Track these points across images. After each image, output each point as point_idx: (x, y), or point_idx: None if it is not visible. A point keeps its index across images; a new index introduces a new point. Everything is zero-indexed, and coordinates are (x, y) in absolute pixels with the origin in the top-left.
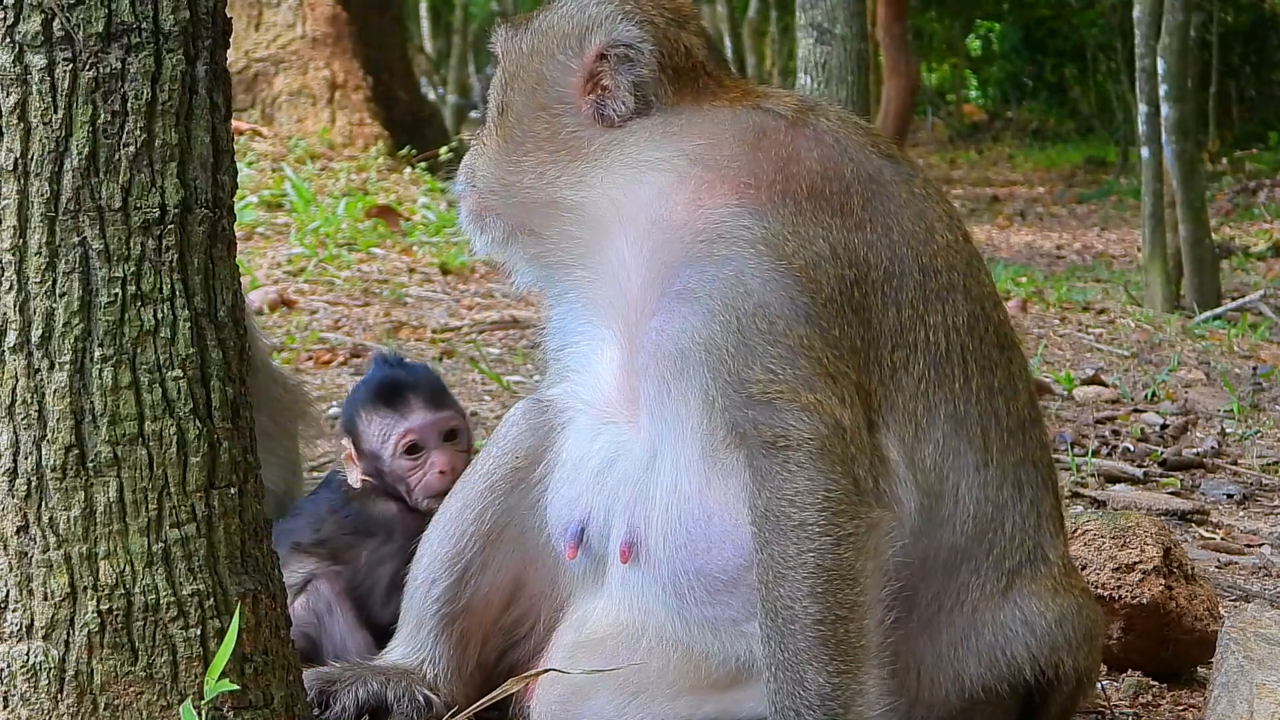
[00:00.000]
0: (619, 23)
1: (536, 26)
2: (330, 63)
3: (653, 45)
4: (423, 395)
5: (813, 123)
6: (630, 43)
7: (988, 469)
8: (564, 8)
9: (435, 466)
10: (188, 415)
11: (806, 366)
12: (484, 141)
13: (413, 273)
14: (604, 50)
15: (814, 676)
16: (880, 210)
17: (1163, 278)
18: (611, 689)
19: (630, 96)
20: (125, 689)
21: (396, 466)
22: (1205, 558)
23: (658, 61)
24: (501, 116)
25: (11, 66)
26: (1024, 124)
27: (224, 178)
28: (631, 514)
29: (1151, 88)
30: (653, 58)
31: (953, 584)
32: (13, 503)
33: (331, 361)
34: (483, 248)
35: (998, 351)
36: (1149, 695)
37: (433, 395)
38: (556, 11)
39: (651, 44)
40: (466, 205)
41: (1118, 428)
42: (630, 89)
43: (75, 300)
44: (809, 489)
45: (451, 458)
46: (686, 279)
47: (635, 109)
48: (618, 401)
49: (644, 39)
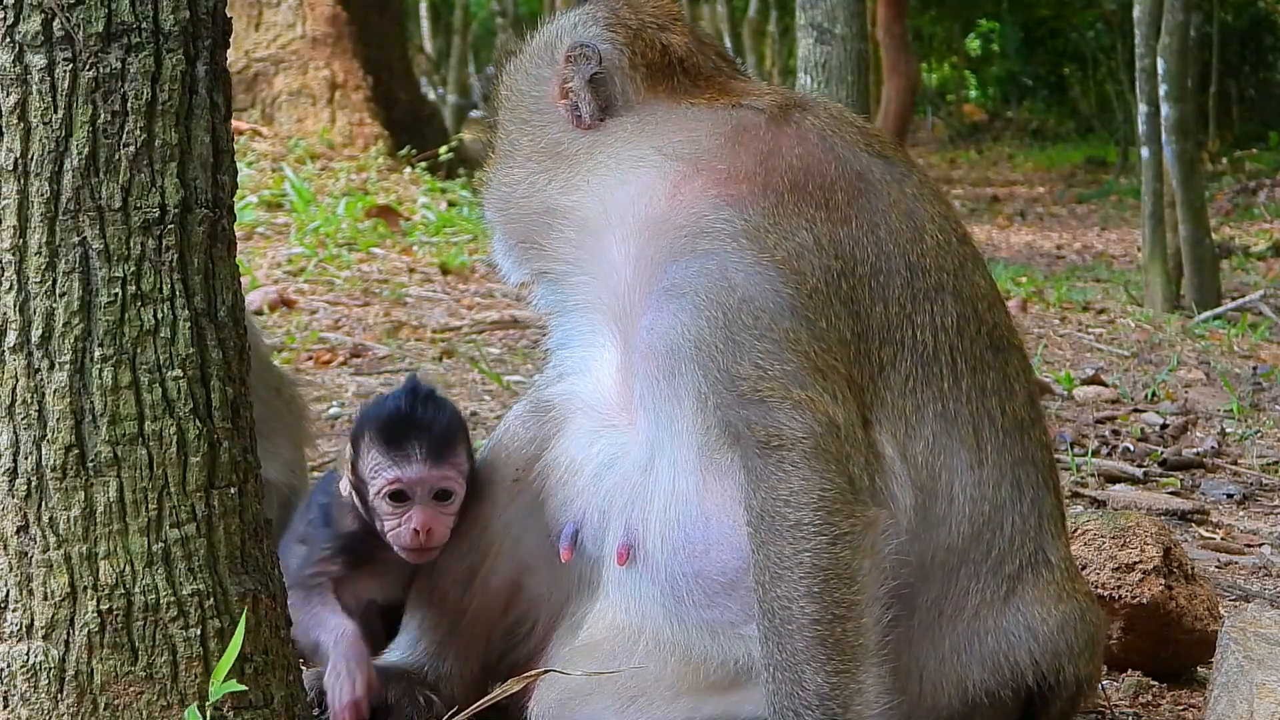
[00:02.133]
0: (583, 27)
1: (521, 49)
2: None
3: (619, 45)
4: (427, 445)
5: (796, 119)
6: (586, 42)
7: (982, 468)
8: (544, 28)
9: (412, 523)
10: (188, 415)
11: (795, 361)
12: (489, 168)
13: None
14: (569, 53)
15: (812, 676)
16: (866, 208)
17: (1163, 277)
18: (610, 692)
19: (589, 94)
20: (125, 689)
21: (378, 506)
22: (1205, 558)
23: (627, 60)
24: (497, 141)
25: (11, 66)
26: (1024, 124)
27: (224, 177)
28: (628, 516)
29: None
30: (620, 57)
31: (952, 588)
32: (13, 502)
33: (331, 361)
34: (512, 273)
35: (991, 353)
36: (1149, 695)
37: (438, 448)
38: (537, 33)
39: (617, 44)
40: (497, 235)
41: (1118, 427)
42: (587, 87)
43: (75, 300)
44: (804, 488)
45: (433, 519)
46: (673, 275)
47: (602, 107)
48: (616, 404)
49: (604, 39)
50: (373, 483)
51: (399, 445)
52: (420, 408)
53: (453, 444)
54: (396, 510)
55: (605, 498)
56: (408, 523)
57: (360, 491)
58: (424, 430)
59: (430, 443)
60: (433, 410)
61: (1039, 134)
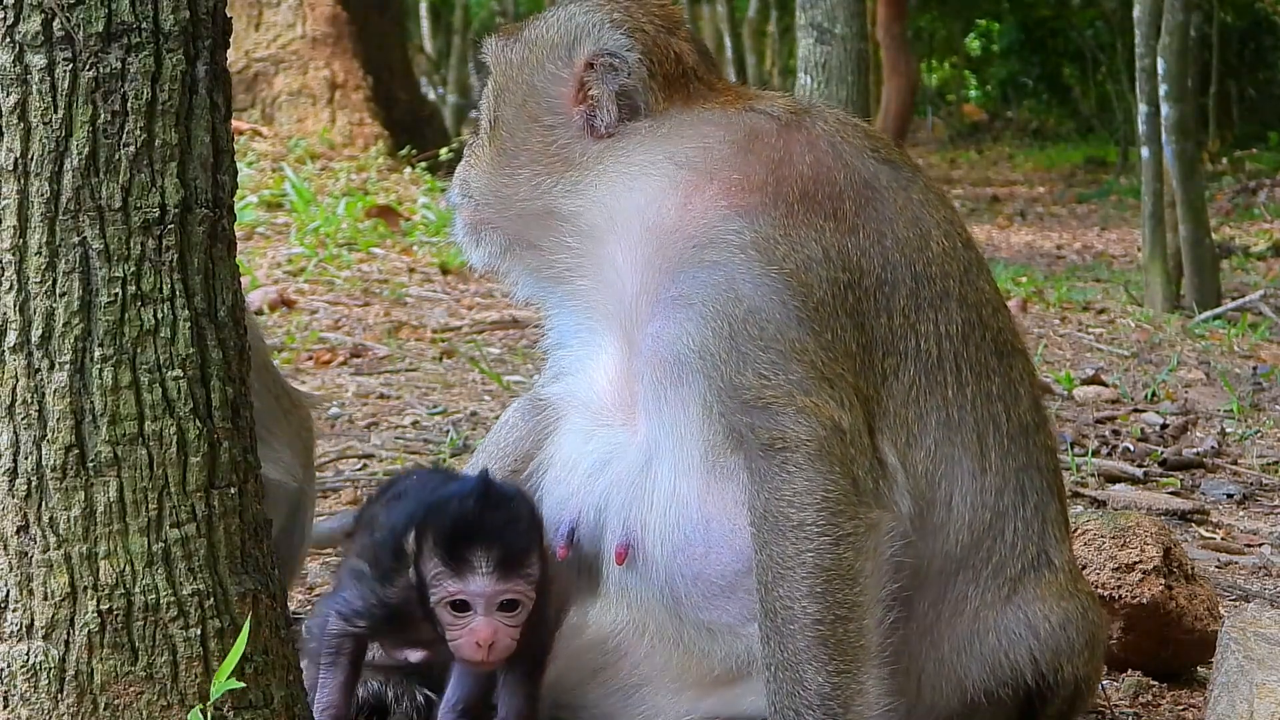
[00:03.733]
0: (606, 31)
1: (526, 37)
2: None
3: (641, 53)
4: (495, 558)
5: (807, 125)
6: (616, 51)
7: (986, 475)
8: (553, 18)
9: (474, 636)
10: (188, 415)
11: (800, 370)
12: (477, 154)
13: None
14: (591, 59)
15: (813, 676)
16: (874, 216)
17: (1163, 277)
18: (613, 683)
19: (614, 106)
20: (125, 689)
21: (440, 612)
22: (1205, 558)
23: (646, 69)
24: (494, 129)
25: (11, 66)
26: (1024, 124)
27: (224, 177)
28: (627, 516)
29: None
30: (641, 66)
31: (950, 593)
32: (13, 502)
33: (331, 361)
34: (480, 260)
35: (995, 358)
36: (1149, 695)
37: (507, 560)
38: (545, 22)
39: (639, 52)
40: (462, 217)
41: (1118, 427)
42: (613, 99)
43: (75, 300)
44: (807, 489)
45: (497, 632)
46: (681, 285)
47: (622, 116)
48: (613, 404)
49: (631, 47)
50: (433, 590)
51: (463, 556)
52: (490, 514)
53: (524, 556)
54: (459, 620)
55: (601, 496)
56: (469, 635)
57: (420, 589)
58: (493, 540)
59: (498, 553)
60: (503, 517)
61: (1039, 134)
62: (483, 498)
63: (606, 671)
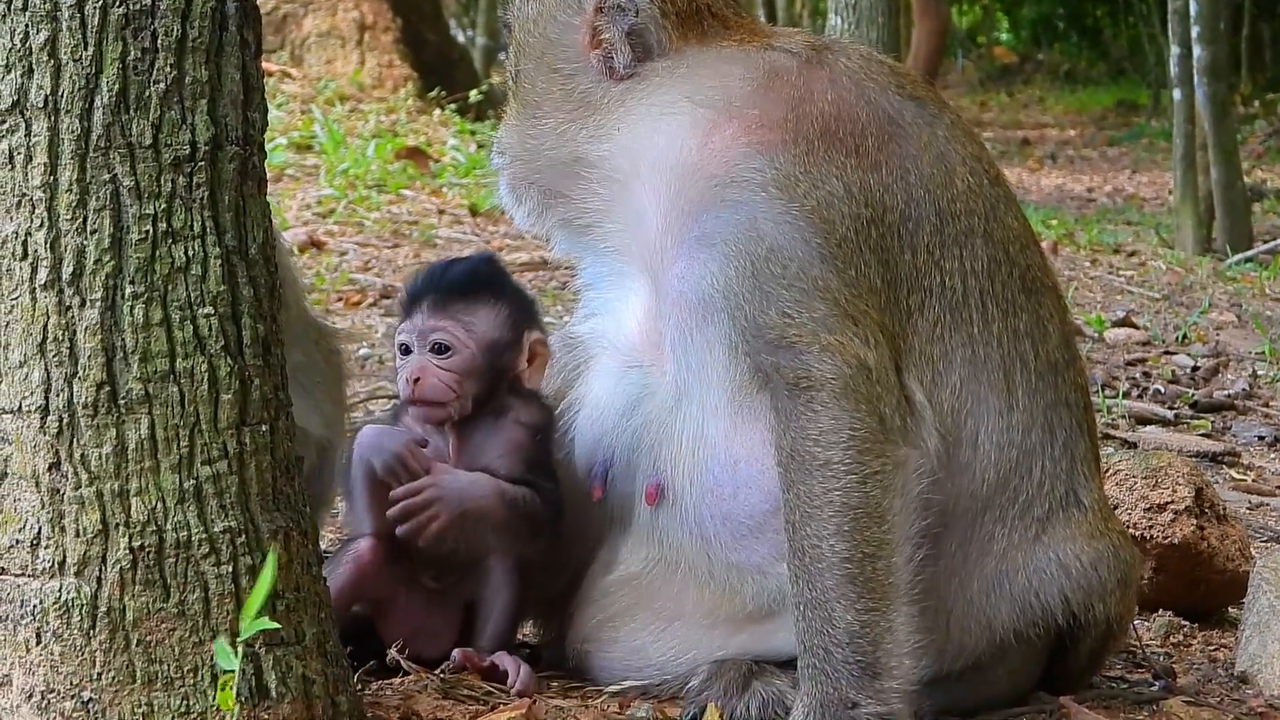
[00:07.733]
0: None
1: None
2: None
3: None
4: (432, 298)
5: (829, 62)
6: None
7: (1013, 413)
8: None
9: (403, 370)
10: (219, 352)
11: (823, 308)
12: (507, 113)
13: (442, 214)
14: (600, 4)
15: (842, 614)
16: (897, 153)
17: (1194, 220)
18: (646, 616)
19: (627, 46)
20: (157, 625)
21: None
22: (1236, 499)
23: (658, 8)
24: (517, 84)
25: (41, 3)
26: (1055, 66)
27: (254, 114)
28: (657, 457)
29: (1183, 29)
30: (651, 5)
31: (977, 533)
32: (44, 440)
33: (361, 303)
34: (522, 220)
35: (1023, 295)
36: (1180, 635)
37: (442, 301)
38: None
39: None
40: (504, 179)
41: (1148, 369)
42: (625, 39)
43: (106, 237)
44: (834, 428)
45: (425, 369)
46: (704, 224)
47: (637, 56)
48: (642, 345)
49: None
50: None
51: (412, 299)
52: (451, 269)
53: (461, 298)
54: (402, 364)
55: (634, 436)
56: (401, 371)
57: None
58: (435, 284)
59: (436, 294)
60: (460, 268)
61: (1070, 76)
62: (457, 261)
63: (639, 607)
